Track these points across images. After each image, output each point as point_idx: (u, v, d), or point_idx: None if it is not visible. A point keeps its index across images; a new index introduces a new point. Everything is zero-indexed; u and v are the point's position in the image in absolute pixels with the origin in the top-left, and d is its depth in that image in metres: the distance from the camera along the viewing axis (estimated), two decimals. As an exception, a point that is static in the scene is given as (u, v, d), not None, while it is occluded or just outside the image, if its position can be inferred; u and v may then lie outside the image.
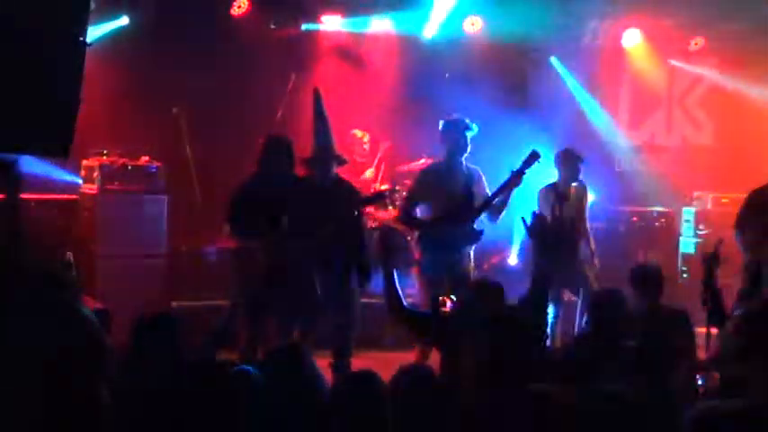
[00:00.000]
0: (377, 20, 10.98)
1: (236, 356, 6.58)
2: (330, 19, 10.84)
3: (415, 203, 7.40)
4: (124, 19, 9.78)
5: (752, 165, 9.85)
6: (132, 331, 3.85)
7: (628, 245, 10.42)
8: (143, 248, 8.62)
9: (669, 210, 11.00)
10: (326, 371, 4.60)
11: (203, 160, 9.57)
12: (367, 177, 9.95)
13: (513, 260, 10.31)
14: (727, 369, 4.47)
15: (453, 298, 5.40)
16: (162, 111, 9.43)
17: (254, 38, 10.12)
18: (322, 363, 4.60)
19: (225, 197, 7.18)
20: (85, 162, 8.90)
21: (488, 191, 7.28)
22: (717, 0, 10.58)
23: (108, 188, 8.65)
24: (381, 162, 10.20)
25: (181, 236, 9.08)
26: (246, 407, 3.31)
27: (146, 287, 8.50)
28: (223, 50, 9.96)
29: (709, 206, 10.82)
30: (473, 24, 11.14)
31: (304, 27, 10.77)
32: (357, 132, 10.14)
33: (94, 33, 8.36)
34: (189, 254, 9.01)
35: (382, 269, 5.23)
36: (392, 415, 3.65)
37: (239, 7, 10.21)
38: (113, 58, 9.24)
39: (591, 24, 11.45)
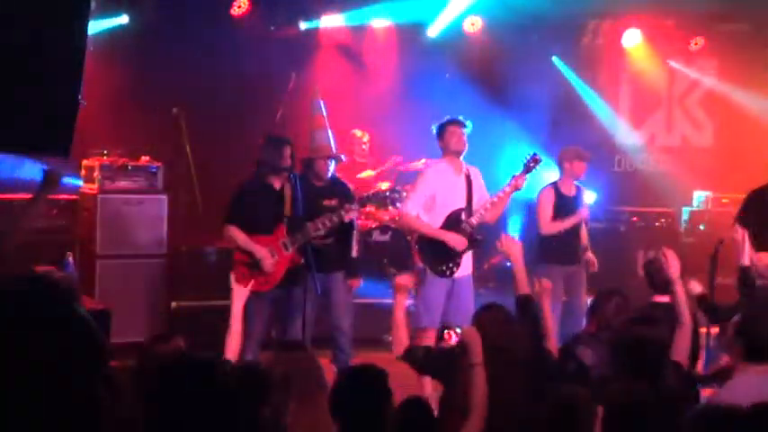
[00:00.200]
0: (377, 19, 10.98)
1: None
2: (330, 18, 10.83)
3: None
4: (124, 17, 9.78)
5: (751, 165, 9.85)
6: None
7: (628, 245, 10.40)
8: (143, 248, 8.61)
9: (669, 210, 11.00)
10: (327, 371, 4.58)
11: (203, 160, 9.56)
12: (366, 177, 9.92)
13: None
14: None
15: (458, 330, 5.28)
16: (162, 111, 9.42)
17: (253, 38, 10.12)
18: (322, 362, 4.58)
19: (225, 197, 7.19)
20: (85, 162, 8.89)
21: (486, 191, 7.29)
22: (717, 0, 10.58)
23: (108, 188, 8.65)
24: (384, 171, 10.14)
25: (181, 236, 9.07)
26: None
27: (146, 287, 8.52)
28: (223, 50, 9.96)
29: (709, 206, 10.82)
30: (473, 24, 11.14)
31: (304, 26, 10.77)
32: (357, 132, 10.12)
33: (94, 29, 8.34)
34: (189, 254, 9.00)
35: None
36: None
37: (239, 7, 10.20)
38: (113, 58, 9.25)
39: (591, 24, 11.46)
